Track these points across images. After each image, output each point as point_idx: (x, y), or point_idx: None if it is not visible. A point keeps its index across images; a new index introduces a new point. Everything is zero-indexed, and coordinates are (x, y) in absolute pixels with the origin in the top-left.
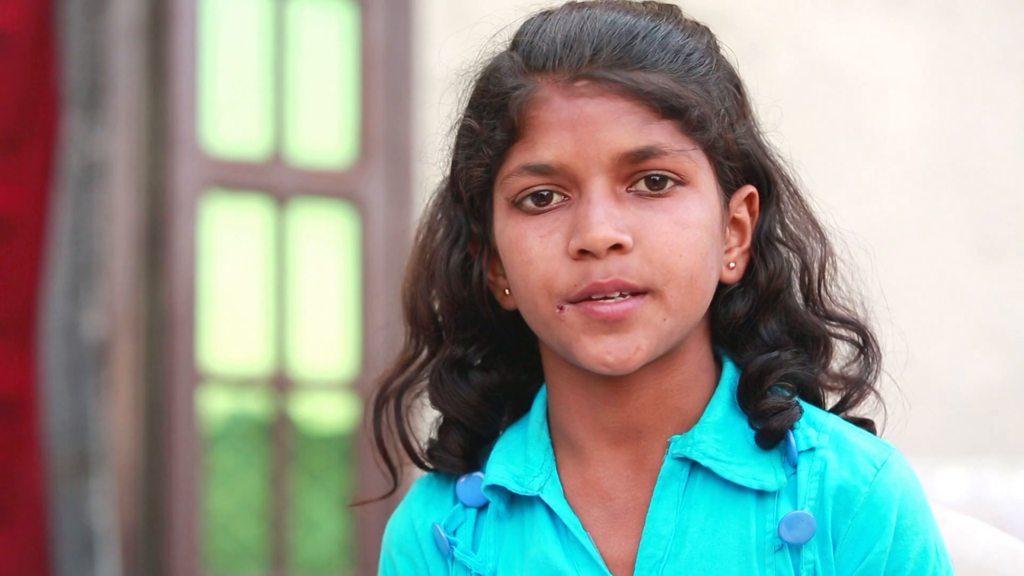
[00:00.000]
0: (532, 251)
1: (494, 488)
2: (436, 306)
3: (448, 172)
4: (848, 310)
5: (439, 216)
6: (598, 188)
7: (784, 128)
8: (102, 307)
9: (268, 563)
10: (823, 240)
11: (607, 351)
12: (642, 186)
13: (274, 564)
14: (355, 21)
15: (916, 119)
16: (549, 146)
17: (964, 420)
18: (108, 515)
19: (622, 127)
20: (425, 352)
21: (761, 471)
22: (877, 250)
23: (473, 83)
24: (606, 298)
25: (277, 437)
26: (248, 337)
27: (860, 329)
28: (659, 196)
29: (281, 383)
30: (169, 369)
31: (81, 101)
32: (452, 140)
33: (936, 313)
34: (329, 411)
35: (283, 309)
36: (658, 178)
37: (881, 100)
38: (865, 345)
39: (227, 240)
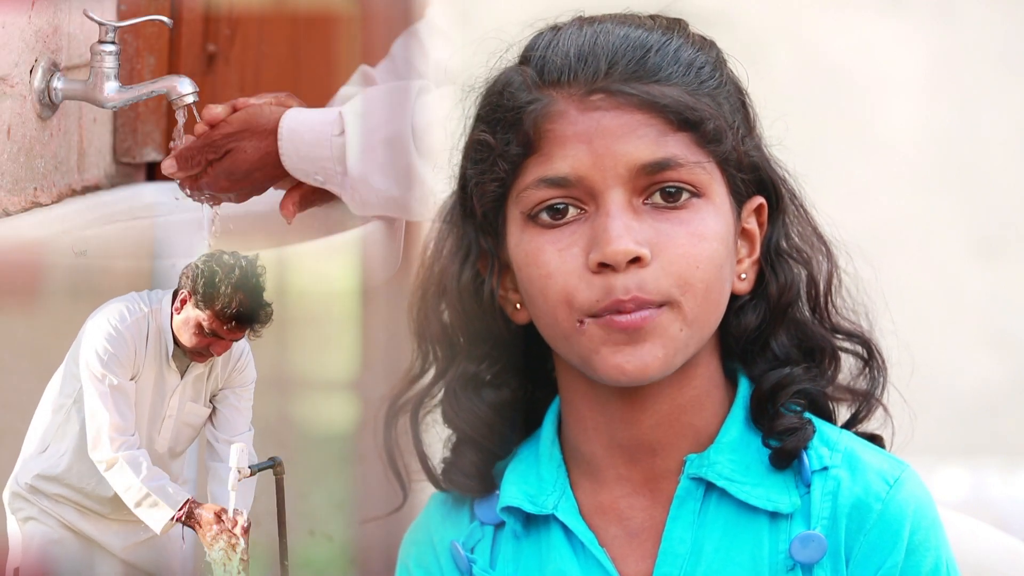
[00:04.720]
0: (550, 265)
1: (510, 508)
2: (446, 321)
3: (458, 187)
4: (853, 323)
5: (448, 232)
6: (616, 200)
7: (784, 129)
8: None
9: (268, 563)
10: (828, 252)
11: (626, 360)
12: (658, 198)
13: (274, 564)
14: None
15: (916, 119)
16: (566, 159)
17: (964, 420)
18: None
19: (638, 139)
20: (434, 369)
21: (775, 492)
22: (876, 250)
23: (482, 98)
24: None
25: (277, 437)
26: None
27: (865, 342)
28: (675, 208)
29: (281, 383)
30: None
31: None
32: (461, 155)
33: (936, 313)
34: (329, 411)
35: (283, 308)
36: (674, 190)
37: (881, 100)
38: (870, 358)
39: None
